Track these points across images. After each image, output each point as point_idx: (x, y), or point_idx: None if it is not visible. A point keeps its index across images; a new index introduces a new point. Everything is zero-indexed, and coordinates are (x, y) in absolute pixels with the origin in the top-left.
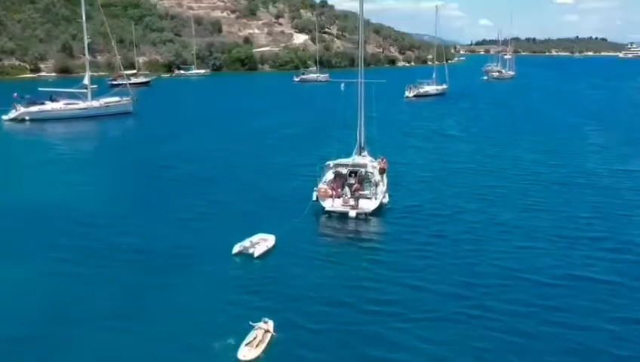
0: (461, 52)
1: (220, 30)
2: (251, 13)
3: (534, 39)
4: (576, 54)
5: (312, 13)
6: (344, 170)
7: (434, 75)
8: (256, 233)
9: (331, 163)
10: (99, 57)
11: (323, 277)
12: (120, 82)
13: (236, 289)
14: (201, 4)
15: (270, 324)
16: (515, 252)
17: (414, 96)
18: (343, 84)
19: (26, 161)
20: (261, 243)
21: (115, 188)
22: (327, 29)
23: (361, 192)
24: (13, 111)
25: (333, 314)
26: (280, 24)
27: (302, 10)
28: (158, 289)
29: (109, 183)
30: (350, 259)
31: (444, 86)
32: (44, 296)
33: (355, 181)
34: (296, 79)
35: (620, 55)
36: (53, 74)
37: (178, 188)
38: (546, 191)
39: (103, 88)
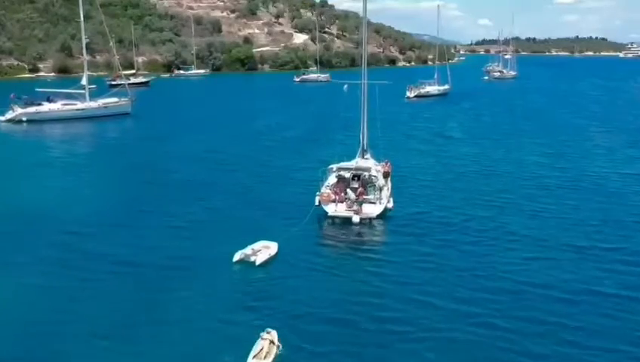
0: (461, 52)
1: (219, 30)
2: (251, 12)
3: (534, 39)
4: (577, 54)
5: (312, 13)
6: (347, 174)
7: (435, 76)
8: (258, 240)
9: (334, 166)
10: (98, 57)
11: (327, 288)
12: (119, 82)
13: (237, 299)
14: (201, 4)
15: (274, 334)
16: (525, 263)
17: (415, 96)
18: (346, 86)
19: (20, 164)
20: (263, 250)
21: (110, 194)
22: (327, 29)
23: (365, 197)
24: (10, 112)
25: (336, 328)
26: (280, 24)
27: (302, 10)
28: (155, 302)
29: (104, 188)
30: (354, 270)
31: (447, 86)
32: (30, 313)
33: (358, 185)
34: (297, 79)
35: (621, 55)
36: (52, 74)
37: (175, 193)
38: (553, 197)
39: (102, 88)
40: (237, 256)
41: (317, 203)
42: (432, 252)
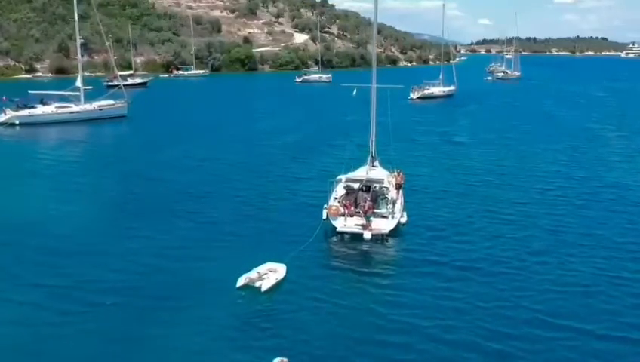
0: (462, 52)
1: (219, 30)
2: (251, 12)
3: (535, 38)
4: (578, 54)
5: (313, 13)
6: (356, 185)
7: (440, 76)
8: (262, 260)
9: (343, 177)
10: (96, 57)
11: (338, 322)
12: (116, 83)
13: (243, 332)
14: (200, 4)
15: None
16: (557, 292)
17: (419, 98)
18: (355, 90)
19: (5, 173)
20: (270, 274)
21: (97, 209)
22: (327, 29)
23: (376, 211)
24: (2, 115)
25: None
26: (280, 24)
27: (302, 10)
28: (147, 338)
29: (91, 202)
30: (367, 301)
31: (452, 87)
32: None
33: (368, 197)
34: (298, 80)
35: (622, 55)
36: (49, 74)
37: (170, 207)
38: (576, 212)
39: (99, 89)
40: (241, 281)
41: (324, 216)
42: (451, 274)
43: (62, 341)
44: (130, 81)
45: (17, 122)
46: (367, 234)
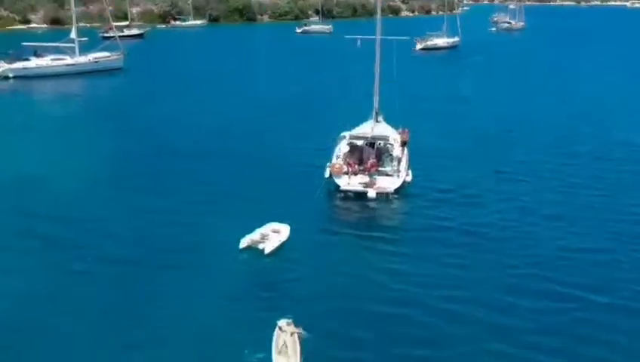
0: (465, 1)
1: None
2: None
3: None
4: (583, 3)
5: None
6: (361, 142)
7: (444, 27)
8: (265, 220)
9: (347, 134)
10: (91, 7)
11: (342, 285)
12: (112, 34)
13: (246, 295)
14: None
15: (294, 326)
16: (569, 260)
17: (423, 49)
18: (359, 41)
19: None
20: (272, 236)
21: (92, 168)
22: None
23: (380, 169)
24: None
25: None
26: None
27: None
28: (153, 301)
29: (86, 160)
30: (371, 264)
31: (456, 39)
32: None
33: (373, 154)
34: (299, 31)
35: (627, 4)
36: (44, 25)
37: (167, 167)
38: (587, 170)
39: (94, 41)
40: (244, 243)
41: (327, 175)
42: (456, 247)
43: (52, 310)
44: (126, 32)
45: (11, 75)
46: (371, 193)
